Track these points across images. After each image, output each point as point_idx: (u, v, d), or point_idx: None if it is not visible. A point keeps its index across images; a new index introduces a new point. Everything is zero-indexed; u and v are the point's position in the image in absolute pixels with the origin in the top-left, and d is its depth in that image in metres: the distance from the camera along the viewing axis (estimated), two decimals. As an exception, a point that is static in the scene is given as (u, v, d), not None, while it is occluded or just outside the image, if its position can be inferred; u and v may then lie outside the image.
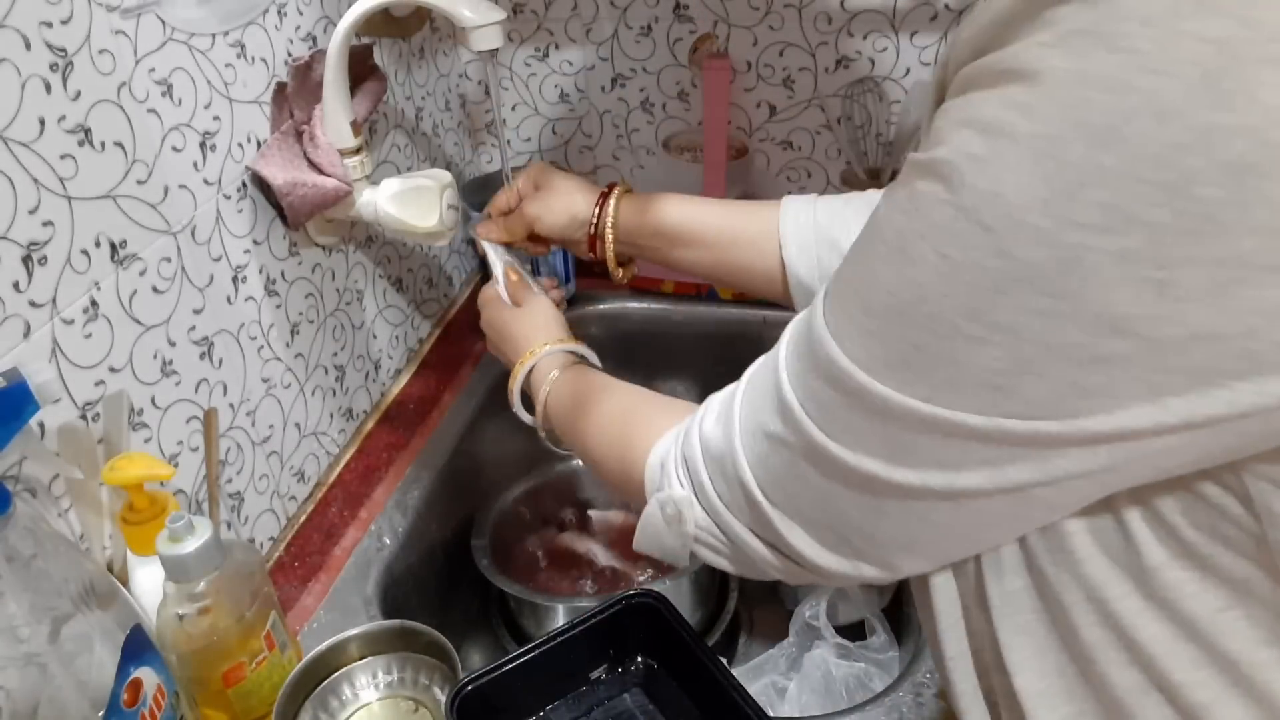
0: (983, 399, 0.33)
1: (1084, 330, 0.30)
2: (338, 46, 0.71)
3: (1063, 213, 0.29)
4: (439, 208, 0.77)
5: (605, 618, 0.65)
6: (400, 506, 0.85)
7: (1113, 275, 0.29)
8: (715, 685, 0.61)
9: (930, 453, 0.35)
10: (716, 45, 0.99)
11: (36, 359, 0.54)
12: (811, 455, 0.39)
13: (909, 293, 0.34)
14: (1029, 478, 0.34)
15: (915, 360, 0.34)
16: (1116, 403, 0.31)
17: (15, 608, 0.47)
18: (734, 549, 0.46)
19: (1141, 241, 0.28)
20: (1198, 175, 0.27)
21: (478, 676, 0.61)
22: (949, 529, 0.38)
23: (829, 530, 0.41)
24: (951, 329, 0.32)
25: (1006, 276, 0.30)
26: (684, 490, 0.48)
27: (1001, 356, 0.32)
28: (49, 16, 0.53)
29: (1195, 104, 0.26)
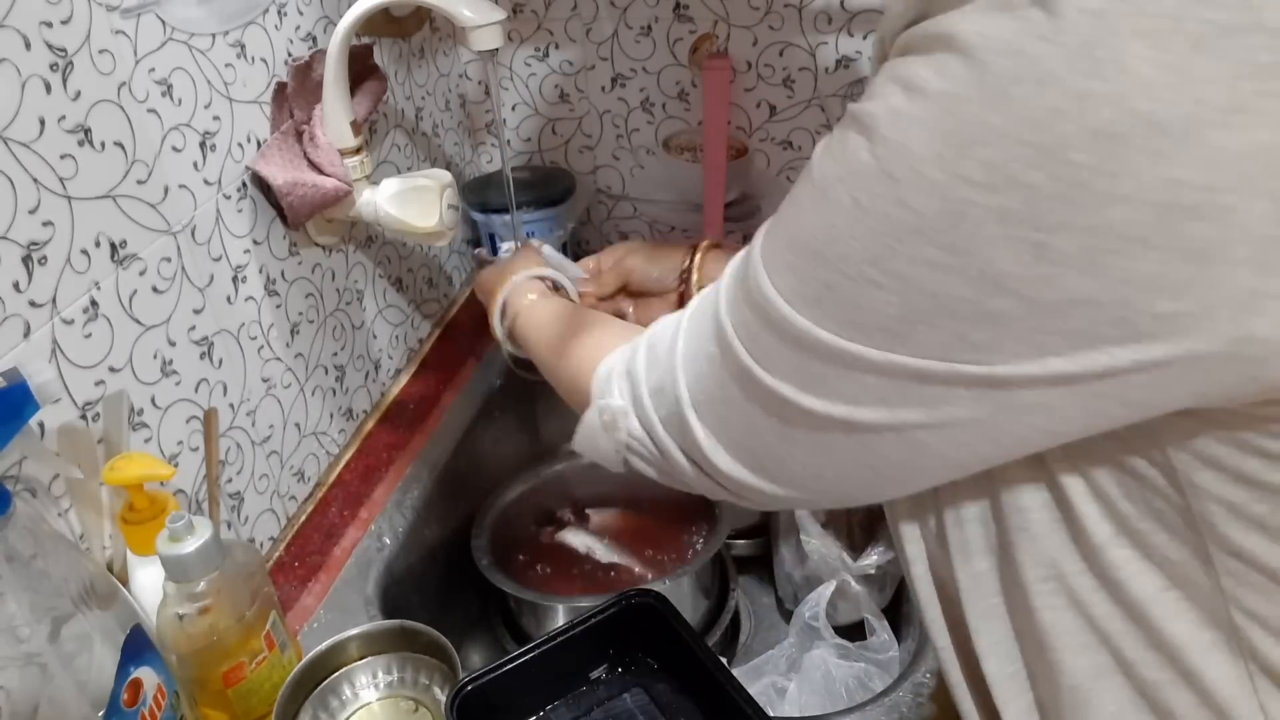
0: (880, 339, 0.35)
1: (969, 285, 0.31)
2: (338, 46, 0.71)
3: (953, 168, 0.30)
4: (439, 208, 0.77)
5: (605, 617, 0.65)
6: (400, 506, 0.85)
7: (994, 233, 0.30)
8: (715, 685, 0.61)
9: (835, 384, 0.37)
10: (716, 45, 0.99)
11: (36, 359, 0.54)
12: (738, 377, 0.41)
13: (825, 233, 0.35)
14: (918, 418, 0.36)
15: (826, 298, 0.36)
16: (999, 357, 0.32)
17: (15, 608, 0.47)
18: (663, 460, 0.49)
19: (1020, 202, 0.29)
20: (1071, 140, 0.28)
21: (478, 676, 0.61)
22: (848, 465, 0.40)
23: (748, 452, 0.43)
24: (857, 272, 0.34)
25: (904, 226, 0.32)
26: (622, 401, 0.50)
27: (896, 303, 0.33)
28: (49, 16, 0.53)
29: (1072, 71, 0.28)
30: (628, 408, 0.50)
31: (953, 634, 0.46)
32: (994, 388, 0.33)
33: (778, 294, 0.38)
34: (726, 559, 0.96)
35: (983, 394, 0.34)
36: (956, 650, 0.46)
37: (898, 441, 0.37)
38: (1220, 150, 0.27)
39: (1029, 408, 0.33)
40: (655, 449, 0.49)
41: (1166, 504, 0.35)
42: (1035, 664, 0.42)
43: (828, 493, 0.44)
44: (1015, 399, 0.33)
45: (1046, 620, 0.40)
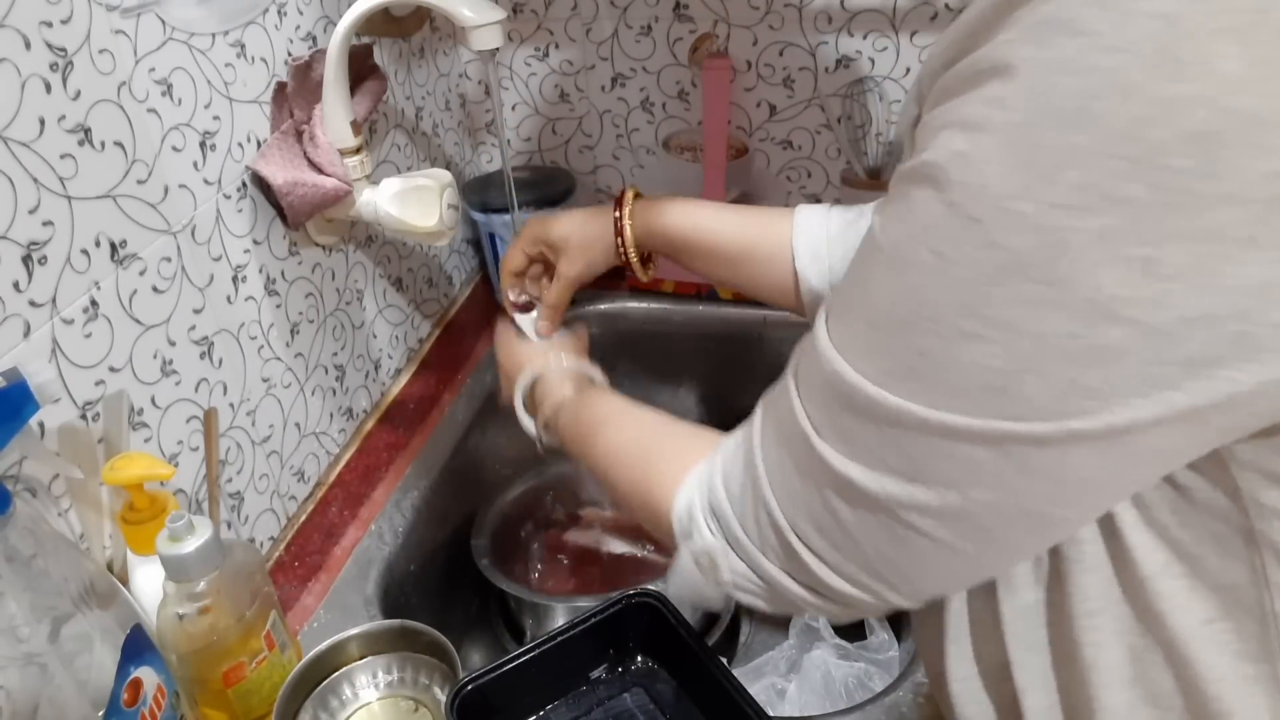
0: (987, 403, 0.32)
1: (1076, 318, 0.30)
2: (338, 46, 0.71)
3: (1042, 196, 0.29)
4: (439, 207, 0.77)
5: (605, 617, 0.65)
6: (400, 506, 0.85)
7: (1097, 256, 0.29)
8: (715, 684, 0.61)
9: (945, 467, 0.35)
10: (716, 45, 0.99)
11: (36, 359, 0.54)
12: (834, 483, 0.38)
13: (910, 298, 0.34)
14: (1041, 489, 0.34)
15: (921, 367, 0.34)
16: (1116, 400, 0.30)
17: (15, 608, 0.47)
18: (770, 591, 0.45)
19: (1120, 219, 0.28)
20: (1165, 147, 0.27)
21: (478, 676, 0.61)
22: (973, 554, 0.37)
23: (862, 567, 0.40)
24: (951, 329, 0.32)
25: (998, 267, 0.31)
26: (716, 539, 0.46)
27: (1000, 353, 0.31)
28: (49, 16, 0.53)
29: (1154, 77, 0.27)
30: (724, 546, 0.45)
31: (980, 666, 0.45)
32: (1114, 440, 0.31)
33: (862, 377, 0.35)
34: (726, 559, 0.96)
35: (1103, 449, 0.32)
36: (985, 683, 0.45)
37: (1022, 517, 0.35)
38: None
39: (1154, 453, 0.32)
40: (762, 582, 0.45)
41: (1226, 526, 0.34)
42: (1072, 697, 0.41)
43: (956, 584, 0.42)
44: (1138, 446, 0.31)
45: (1089, 655, 0.39)
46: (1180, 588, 0.36)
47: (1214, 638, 0.36)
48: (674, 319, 1.11)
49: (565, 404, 0.67)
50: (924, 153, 0.33)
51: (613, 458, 0.58)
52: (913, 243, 0.33)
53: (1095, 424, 0.31)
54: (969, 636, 0.45)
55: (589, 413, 0.64)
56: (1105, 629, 0.38)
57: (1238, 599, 0.35)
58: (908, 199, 0.34)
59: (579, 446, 0.64)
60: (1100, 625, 0.39)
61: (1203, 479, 0.34)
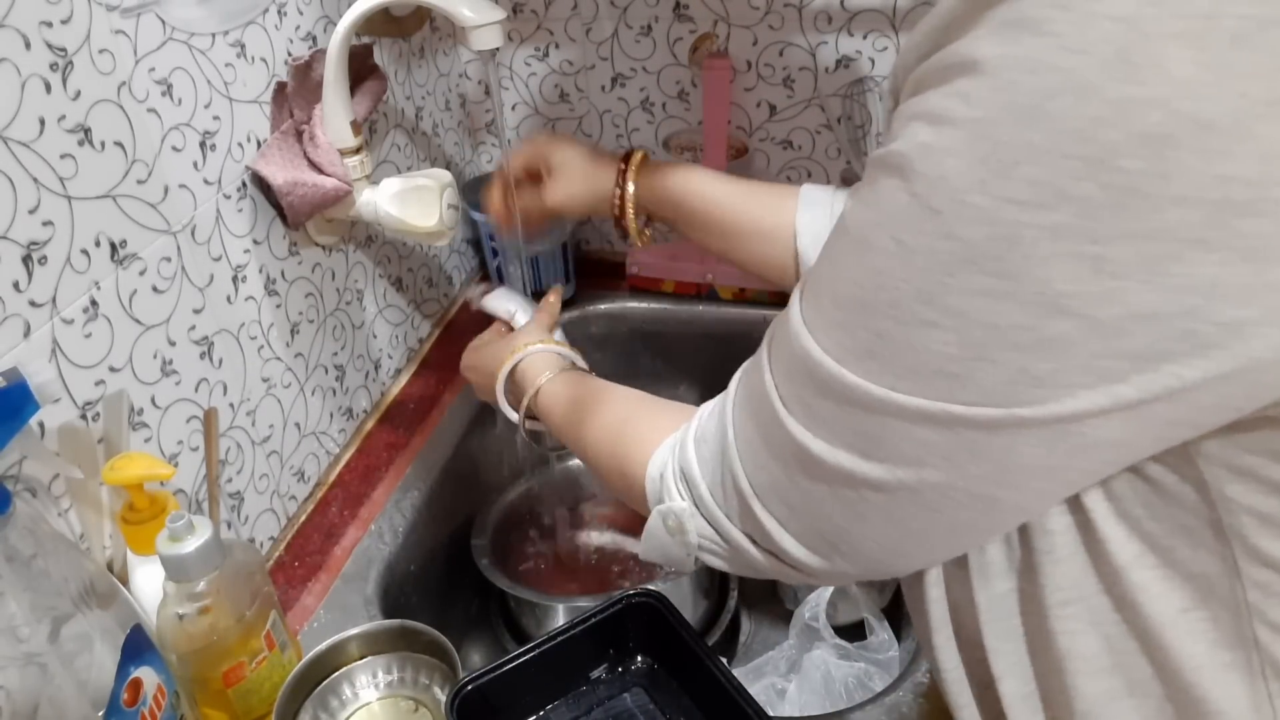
0: (939, 387, 0.33)
1: (1027, 311, 0.31)
2: (338, 46, 0.71)
3: (998, 191, 0.30)
4: (439, 207, 0.77)
5: (605, 617, 0.65)
6: (400, 506, 0.85)
7: (1048, 251, 0.29)
8: (715, 684, 0.61)
9: (897, 445, 0.36)
10: (716, 45, 0.98)
11: (36, 359, 0.54)
12: (796, 453, 0.40)
13: (871, 281, 0.35)
14: (987, 473, 0.35)
15: (879, 349, 0.35)
16: (1064, 390, 0.31)
17: (15, 607, 0.47)
18: (732, 553, 0.47)
19: (1072, 216, 0.29)
20: (1118, 148, 0.28)
21: (478, 676, 0.61)
22: (923, 531, 0.39)
23: (819, 536, 0.42)
24: (909, 314, 0.33)
25: (954, 258, 0.31)
26: (684, 502, 0.48)
27: (954, 341, 0.32)
28: (49, 16, 0.53)
29: (1110, 79, 0.27)
30: (691, 508, 0.48)
31: (964, 654, 0.45)
32: (1061, 427, 0.32)
33: (825, 354, 0.37)
34: (726, 559, 0.96)
35: (1051, 437, 0.33)
36: (968, 671, 0.46)
37: (970, 500, 0.36)
38: (1269, 143, 0.27)
39: (1099, 443, 0.33)
40: (726, 545, 0.47)
41: (1195, 519, 0.35)
42: (1049, 685, 0.41)
43: (907, 563, 0.43)
44: (1084, 437, 0.32)
45: (1064, 644, 0.39)
46: (1154, 578, 0.37)
47: (1190, 626, 0.37)
48: (674, 319, 1.11)
49: (545, 388, 0.69)
50: (894, 142, 0.34)
51: (593, 434, 0.60)
52: (877, 228, 0.34)
53: (1042, 412, 0.32)
54: (950, 625, 0.46)
55: (569, 394, 0.66)
56: (1081, 618, 0.39)
57: (1211, 589, 0.36)
58: (875, 185, 0.35)
59: (561, 428, 0.66)
60: (1075, 614, 0.39)
61: (1170, 473, 0.35)
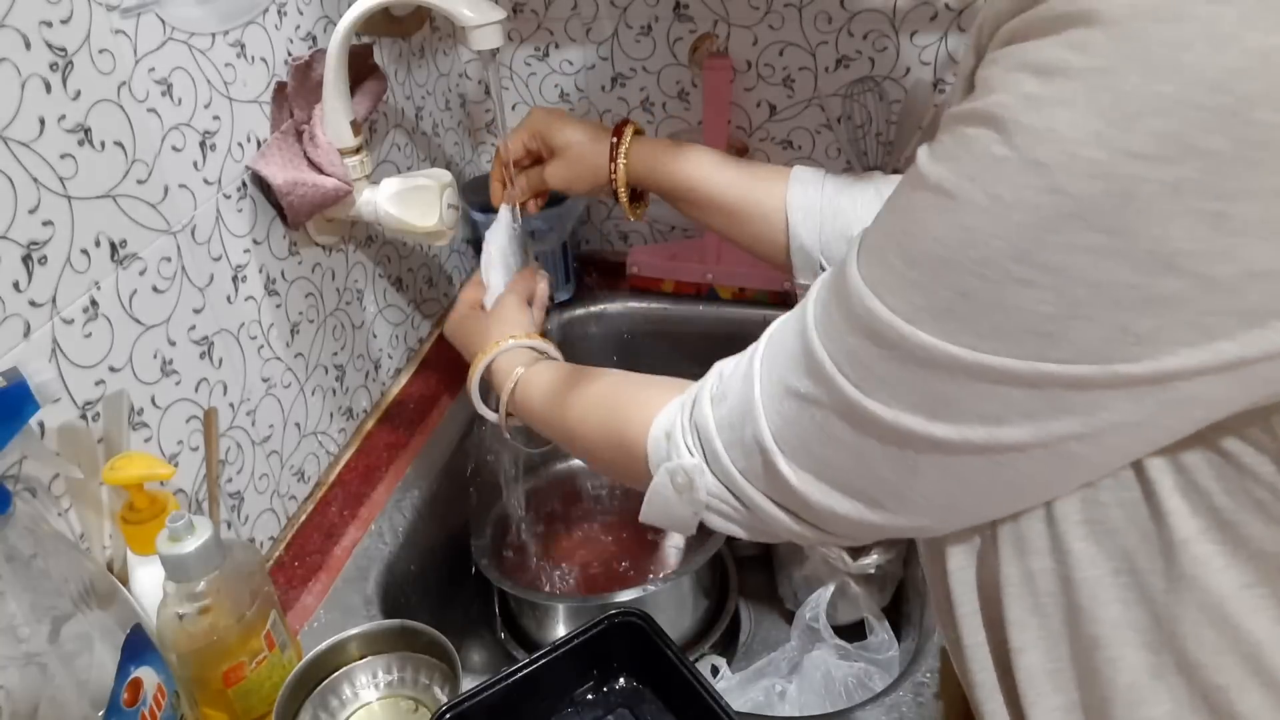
0: (1029, 346, 0.32)
1: (1136, 268, 0.29)
2: (338, 46, 0.71)
3: (1118, 143, 0.29)
4: (439, 207, 0.77)
5: (589, 637, 0.64)
6: (400, 506, 0.85)
7: (1168, 208, 0.28)
8: (701, 704, 0.60)
9: (972, 405, 0.35)
10: (716, 45, 0.98)
11: (36, 359, 0.54)
12: (846, 413, 0.38)
13: (956, 237, 0.33)
14: (1071, 429, 0.33)
15: (961, 308, 0.33)
16: (1166, 348, 0.30)
17: (15, 607, 0.47)
18: (749, 514, 0.46)
19: (1198, 171, 0.28)
20: (1256, 100, 0.27)
21: (459, 702, 0.59)
22: (985, 488, 0.38)
23: (859, 491, 0.41)
24: (1001, 272, 0.32)
25: (1059, 213, 0.30)
26: (695, 458, 0.47)
27: (1051, 299, 0.31)
28: (49, 16, 0.53)
29: (1251, 27, 0.26)
30: (701, 464, 0.47)
31: (988, 631, 0.45)
32: (1156, 385, 0.31)
33: (894, 314, 0.35)
34: (727, 559, 0.96)
35: (1145, 393, 0.32)
36: (991, 647, 0.45)
37: (1046, 457, 0.35)
38: None
39: (1192, 401, 0.32)
40: (739, 504, 0.46)
41: (1270, 493, 0.34)
42: (1085, 661, 0.40)
43: (958, 518, 0.42)
44: (1179, 393, 0.31)
45: (1113, 615, 0.39)
46: (1216, 552, 0.36)
47: (1253, 603, 0.36)
48: (674, 319, 1.11)
49: (521, 381, 0.68)
50: (988, 94, 0.32)
51: (580, 415, 0.59)
52: (967, 182, 0.32)
53: (1139, 370, 0.31)
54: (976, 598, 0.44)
55: (546, 383, 0.65)
56: (1134, 589, 0.38)
57: (1276, 566, 0.35)
58: (963, 138, 0.33)
59: (543, 417, 0.65)
60: (1128, 584, 0.38)
61: (1248, 445, 0.34)
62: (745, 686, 0.86)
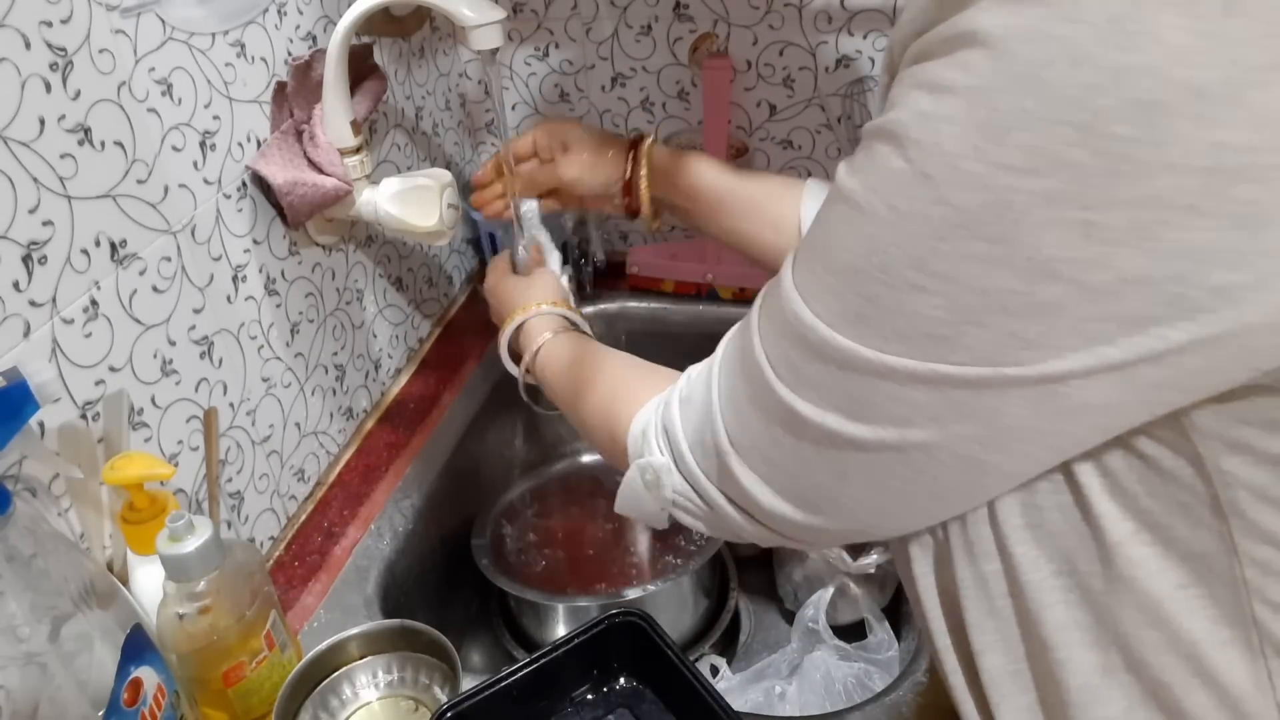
0: (927, 348, 0.34)
1: (1018, 275, 0.31)
2: (338, 46, 0.71)
3: (992, 157, 0.30)
4: (439, 207, 0.77)
5: (589, 637, 0.64)
6: (400, 506, 0.85)
7: (1041, 217, 0.30)
8: (702, 705, 0.60)
9: (884, 406, 0.37)
10: (716, 44, 0.99)
11: (36, 358, 0.54)
12: (781, 416, 0.41)
13: (863, 246, 0.35)
14: (973, 432, 0.35)
15: (869, 313, 0.35)
16: (1052, 352, 0.32)
17: (15, 607, 0.47)
18: (709, 513, 0.48)
19: (1064, 182, 0.29)
20: (1111, 114, 0.28)
21: (458, 702, 0.59)
22: (906, 491, 0.40)
23: (800, 494, 0.43)
24: (899, 279, 0.34)
25: (946, 223, 0.32)
26: (663, 458, 0.50)
27: (943, 305, 0.33)
28: (49, 16, 0.53)
29: (1104, 46, 0.28)
30: (669, 464, 0.49)
31: (953, 635, 0.46)
32: (1048, 387, 0.33)
33: (816, 318, 0.38)
34: (727, 559, 0.96)
35: (1038, 397, 0.33)
36: (956, 650, 0.46)
37: (955, 461, 0.37)
38: (1261, 109, 0.27)
39: (1086, 407, 0.33)
40: (702, 502, 0.48)
41: (1192, 495, 0.35)
42: (1040, 662, 0.41)
43: (889, 524, 0.44)
44: (1071, 399, 0.33)
45: (1058, 617, 0.40)
46: (1150, 555, 0.37)
47: (1188, 603, 0.37)
48: (674, 319, 1.11)
49: (545, 347, 0.71)
50: (891, 111, 0.34)
51: (584, 392, 0.62)
52: (870, 194, 0.35)
53: (1029, 371, 0.33)
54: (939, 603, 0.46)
55: (566, 356, 0.69)
56: (1074, 590, 0.39)
57: (1209, 567, 0.36)
58: (870, 152, 0.35)
59: (556, 386, 0.68)
60: (1068, 586, 0.39)
61: (1165, 449, 0.35)
62: (745, 687, 0.86)
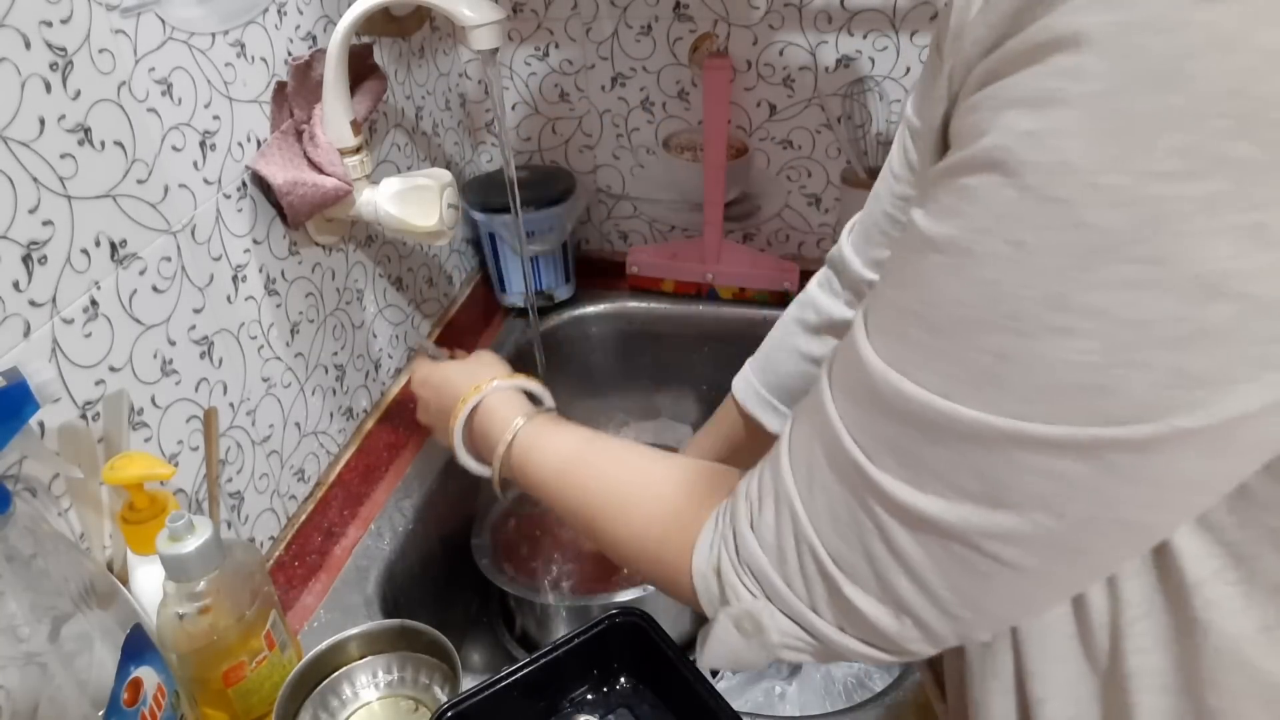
0: (1081, 405, 0.29)
1: (1182, 298, 0.27)
2: (338, 46, 0.71)
3: (1138, 165, 0.26)
4: (439, 207, 0.77)
5: (589, 638, 0.64)
6: (400, 506, 0.85)
7: (1204, 226, 0.26)
8: (701, 705, 0.60)
9: (1033, 486, 0.31)
10: (716, 45, 0.99)
11: (36, 358, 0.54)
12: (899, 517, 0.34)
13: (980, 295, 0.30)
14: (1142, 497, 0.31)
15: (1001, 371, 0.30)
16: (1227, 387, 0.28)
17: (15, 607, 0.47)
18: (824, 649, 0.41)
19: (1229, 182, 0.26)
20: (1275, 99, 0.25)
21: (458, 702, 0.59)
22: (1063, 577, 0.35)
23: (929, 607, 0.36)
24: (1036, 324, 0.29)
25: (1089, 249, 0.28)
26: (758, 599, 0.42)
27: (1096, 347, 0.28)
28: (49, 16, 0.53)
29: (1257, 25, 0.25)
30: (767, 605, 0.41)
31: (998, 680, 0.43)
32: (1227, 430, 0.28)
33: (928, 391, 0.32)
34: (726, 559, 0.96)
35: (1214, 444, 0.29)
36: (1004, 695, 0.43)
37: (1119, 531, 0.32)
38: None
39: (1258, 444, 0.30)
40: (813, 639, 0.41)
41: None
42: (1111, 705, 0.39)
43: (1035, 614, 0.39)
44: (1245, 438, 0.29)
45: (1133, 663, 0.37)
46: (1234, 594, 0.34)
47: (1269, 646, 0.34)
48: (674, 319, 1.11)
49: (521, 438, 0.61)
50: (979, 139, 0.30)
51: (598, 507, 0.53)
52: (980, 235, 0.30)
53: (1205, 418, 0.28)
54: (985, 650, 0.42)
55: (553, 449, 0.59)
56: (1149, 634, 0.36)
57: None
58: (963, 190, 0.30)
59: (547, 490, 0.58)
60: (1144, 631, 0.37)
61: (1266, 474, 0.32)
62: (745, 687, 0.86)
